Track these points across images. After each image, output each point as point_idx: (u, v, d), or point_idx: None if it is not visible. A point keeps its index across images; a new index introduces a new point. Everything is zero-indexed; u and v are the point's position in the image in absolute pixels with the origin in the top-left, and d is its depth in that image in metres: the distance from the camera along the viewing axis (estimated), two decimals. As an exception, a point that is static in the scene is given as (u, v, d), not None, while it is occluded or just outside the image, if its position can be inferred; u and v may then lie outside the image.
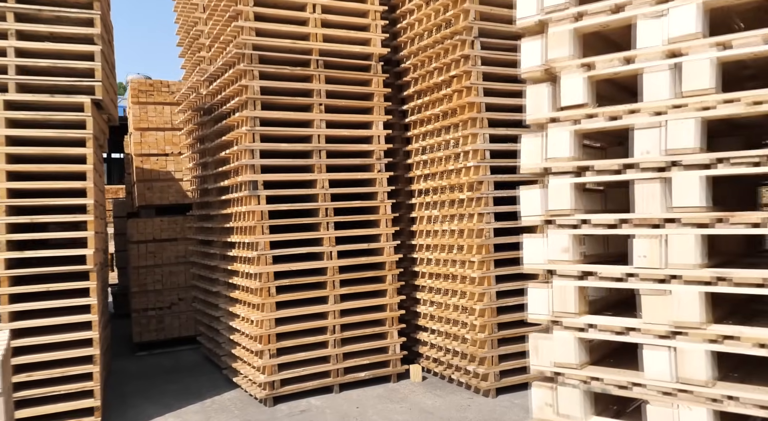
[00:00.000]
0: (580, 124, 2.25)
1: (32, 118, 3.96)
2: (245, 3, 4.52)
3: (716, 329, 1.99)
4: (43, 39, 4.04)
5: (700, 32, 2.01)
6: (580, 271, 2.23)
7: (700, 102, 2.00)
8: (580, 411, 2.21)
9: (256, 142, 4.54)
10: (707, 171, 1.98)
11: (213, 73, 5.16)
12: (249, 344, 4.69)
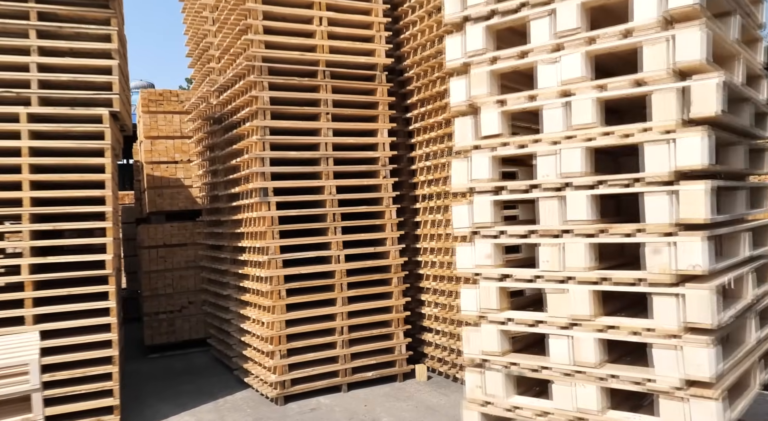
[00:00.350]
0: (496, 151, 2.64)
1: (54, 130, 4.15)
2: (254, 17, 4.71)
3: (603, 321, 2.38)
4: (63, 54, 4.23)
5: (586, 76, 2.37)
6: (500, 274, 2.64)
7: (585, 134, 2.39)
8: (502, 392, 2.61)
9: (266, 150, 4.72)
10: (591, 191, 2.35)
11: (223, 84, 5.35)
12: (260, 345, 4.86)
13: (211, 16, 5.69)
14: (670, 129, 2.22)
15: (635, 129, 2.30)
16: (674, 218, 2.22)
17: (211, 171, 6.10)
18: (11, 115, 4.04)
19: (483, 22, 2.64)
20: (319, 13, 4.92)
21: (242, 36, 4.79)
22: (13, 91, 4.08)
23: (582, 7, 2.37)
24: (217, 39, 5.49)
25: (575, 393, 2.39)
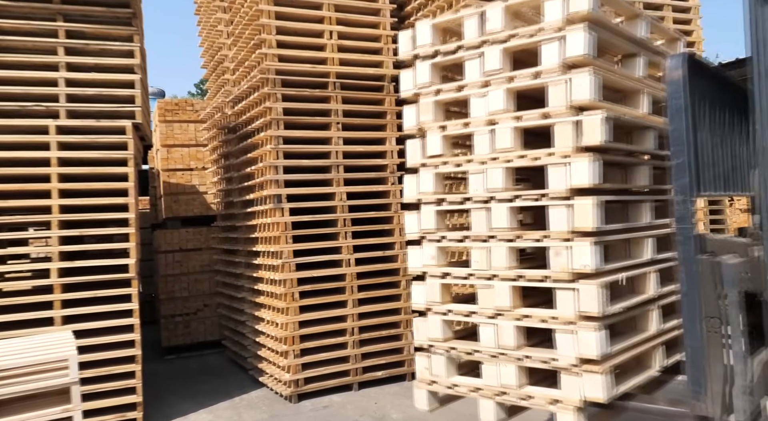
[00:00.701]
0: (438, 168, 3.09)
1: (80, 141, 4.39)
2: (268, 32, 4.94)
3: (520, 311, 2.80)
4: (89, 70, 4.47)
5: (507, 108, 2.82)
6: (442, 272, 3.03)
7: (505, 156, 2.83)
8: (445, 372, 3.04)
9: (279, 159, 4.94)
10: (510, 203, 2.80)
11: (238, 95, 5.58)
12: (274, 345, 5.07)
13: (225, 29, 5.93)
14: (567, 154, 2.62)
15: (542, 153, 2.73)
16: (570, 227, 2.60)
17: (226, 178, 6.33)
18: (41, 128, 4.28)
19: (429, 60, 3.10)
20: (329, 27, 5.15)
21: (256, 50, 5.02)
22: (42, 105, 4.33)
23: (504, 51, 2.82)
24: (231, 52, 5.73)
25: (499, 372, 2.82)
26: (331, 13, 5.16)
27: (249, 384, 5.51)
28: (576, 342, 2.57)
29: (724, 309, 2.22)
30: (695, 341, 2.28)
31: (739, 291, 2.20)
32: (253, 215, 5.50)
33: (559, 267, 2.61)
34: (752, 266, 2.29)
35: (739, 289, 2.21)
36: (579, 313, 2.57)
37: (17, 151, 4.26)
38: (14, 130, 4.29)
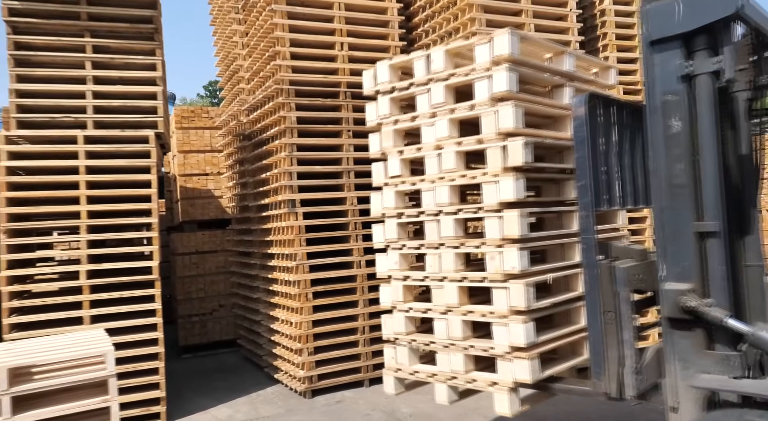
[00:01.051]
0: (398, 187, 3.56)
1: (106, 150, 4.65)
2: (282, 44, 5.18)
3: (465, 308, 3.20)
4: (114, 82, 4.73)
5: (451, 135, 3.27)
6: (404, 275, 3.51)
7: (450, 176, 3.26)
8: (407, 361, 3.48)
9: (293, 165, 5.18)
10: (455, 216, 3.24)
11: (253, 104, 5.83)
12: (289, 343, 5.31)
13: (240, 41, 6.18)
14: (497, 174, 3.02)
15: (478, 173, 3.14)
16: (501, 235, 2.98)
17: (241, 183, 6.58)
18: (70, 138, 4.54)
19: (388, 95, 3.57)
20: (340, 39, 5.38)
21: (271, 61, 5.26)
22: (71, 117, 4.59)
23: (446, 87, 3.27)
24: (246, 62, 5.98)
25: (450, 359, 3.23)
26: (342, 26, 5.39)
27: (264, 381, 5.75)
28: (508, 333, 2.97)
29: (617, 305, 2.58)
30: (596, 331, 2.65)
31: (630, 290, 2.58)
32: (268, 219, 5.74)
33: (493, 269, 3.01)
34: (645, 269, 2.66)
35: (630, 288, 2.59)
36: (510, 308, 2.96)
37: (48, 160, 4.53)
38: (45, 141, 4.56)
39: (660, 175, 2.48)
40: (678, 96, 2.44)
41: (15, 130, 4.48)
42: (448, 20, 5.51)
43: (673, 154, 2.45)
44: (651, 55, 2.50)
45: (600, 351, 2.63)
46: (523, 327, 2.91)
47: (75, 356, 2.98)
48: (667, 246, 2.47)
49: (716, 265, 2.37)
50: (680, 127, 2.43)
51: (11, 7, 4.44)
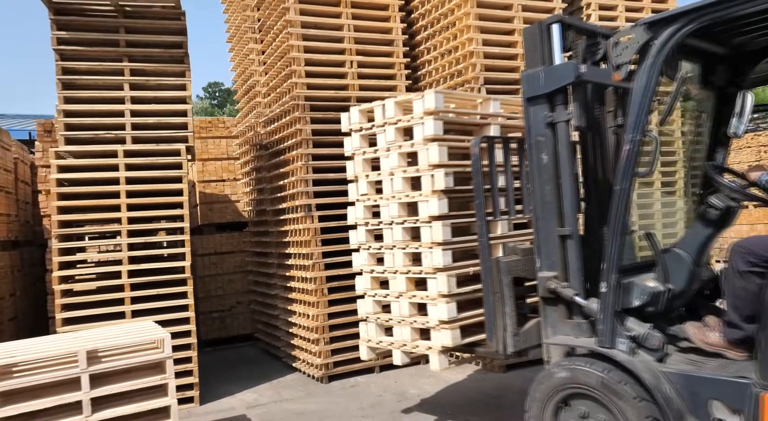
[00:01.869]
0: (365, 202, 4.45)
1: (143, 163, 5.20)
2: (298, 64, 5.72)
3: (410, 293, 4.08)
4: (149, 102, 5.27)
5: (399, 165, 4.10)
6: (371, 269, 4.40)
7: (399, 196, 4.14)
8: (375, 334, 4.37)
9: (309, 173, 5.72)
10: (402, 225, 4.11)
11: (270, 117, 6.37)
12: (306, 334, 5.85)
13: (257, 58, 6.72)
14: (428, 195, 3.89)
15: (416, 194, 3.99)
16: (431, 240, 3.86)
17: (258, 189, 7.12)
18: (111, 152, 5.09)
19: (358, 132, 4.44)
20: (350, 58, 5.92)
21: (287, 80, 5.80)
22: (112, 133, 5.14)
23: (396, 129, 4.13)
24: (263, 79, 6.52)
25: (402, 331, 4.13)
26: (352, 46, 5.93)
27: (283, 370, 6.30)
28: (437, 311, 3.84)
29: (502, 288, 3.47)
30: (488, 307, 3.51)
31: (511, 278, 3.49)
32: (285, 222, 6.28)
33: (427, 265, 3.89)
34: (527, 262, 3.52)
35: (512, 276, 3.50)
36: (438, 293, 3.83)
37: (92, 172, 5.07)
38: (89, 155, 5.11)
39: (535, 194, 3.32)
40: (545, 137, 3.24)
41: (63, 147, 5.03)
42: (448, 39, 6.05)
43: (543, 179, 3.27)
44: (527, 108, 3.31)
45: (491, 321, 3.51)
46: (446, 307, 3.82)
47: (139, 341, 3.52)
48: (541, 245, 3.30)
49: (572, 258, 3.17)
50: (547, 160, 3.25)
51: (59, 37, 4.99)
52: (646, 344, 2.91)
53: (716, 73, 3.41)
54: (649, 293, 3.00)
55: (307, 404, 5.09)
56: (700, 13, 2.72)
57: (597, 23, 6.53)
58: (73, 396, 3.20)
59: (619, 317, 2.98)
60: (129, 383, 3.38)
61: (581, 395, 3.03)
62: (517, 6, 5.92)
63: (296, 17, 5.72)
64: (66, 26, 5.05)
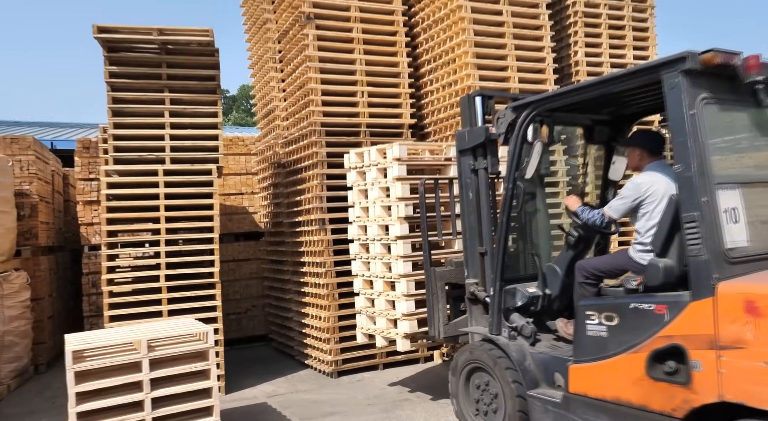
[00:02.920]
0: (359, 223, 5.81)
1: (179, 181, 5.93)
2: (315, 94, 6.47)
3: (386, 293, 5.42)
4: (185, 127, 6.02)
5: (379, 196, 5.41)
6: (362, 274, 5.89)
7: (378, 220, 5.41)
8: (365, 323, 5.67)
9: (323, 191, 6.46)
10: (381, 242, 5.42)
11: (289, 139, 7.13)
12: (319, 334, 6.56)
13: (278, 86, 7.48)
14: (395, 221, 5.29)
15: (389, 219, 5.27)
16: (397, 254, 5.22)
17: (275, 203, 7.86)
18: (153, 171, 5.82)
19: (354, 170, 5.75)
20: (361, 88, 6.67)
21: (306, 108, 6.56)
22: (153, 154, 5.88)
23: (377, 170, 5.42)
24: (282, 104, 7.28)
25: (381, 322, 5.43)
26: (363, 78, 6.68)
27: (296, 366, 7.00)
28: (400, 306, 5.12)
29: (437, 291, 4.75)
30: (429, 304, 4.81)
31: (444, 283, 4.79)
32: (300, 233, 7.01)
33: (395, 272, 5.16)
34: (460, 271, 4.67)
35: (445, 282, 4.79)
36: (401, 293, 5.10)
37: (136, 189, 5.82)
38: (133, 173, 5.85)
39: (464, 221, 4.47)
40: (470, 180, 4.39)
41: (112, 166, 5.77)
42: (449, 73, 6.80)
43: (469, 210, 4.41)
44: (459, 158, 4.49)
45: (430, 315, 4.82)
46: (406, 304, 5.10)
47: (187, 333, 4.24)
48: (468, 259, 4.47)
49: (487, 270, 4.25)
50: (472, 197, 4.39)
51: (111, 72, 5.75)
52: (522, 333, 4.00)
53: (597, 132, 4.41)
54: (529, 297, 4.06)
55: (320, 395, 5.80)
56: (538, 104, 3.90)
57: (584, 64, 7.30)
58: (136, 376, 3.92)
59: (507, 313, 4.10)
60: (181, 367, 4.09)
61: (479, 368, 4.19)
62: (510, 45, 6.67)
63: (314, 53, 6.48)
64: (117, 62, 5.81)
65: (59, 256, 8.78)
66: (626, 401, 3.24)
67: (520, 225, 4.40)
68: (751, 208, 3.13)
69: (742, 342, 2.78)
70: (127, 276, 5.99)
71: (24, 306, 6.93)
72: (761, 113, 3.23)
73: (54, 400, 6.11)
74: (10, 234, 6.87)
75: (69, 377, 3.75)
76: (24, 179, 7.51)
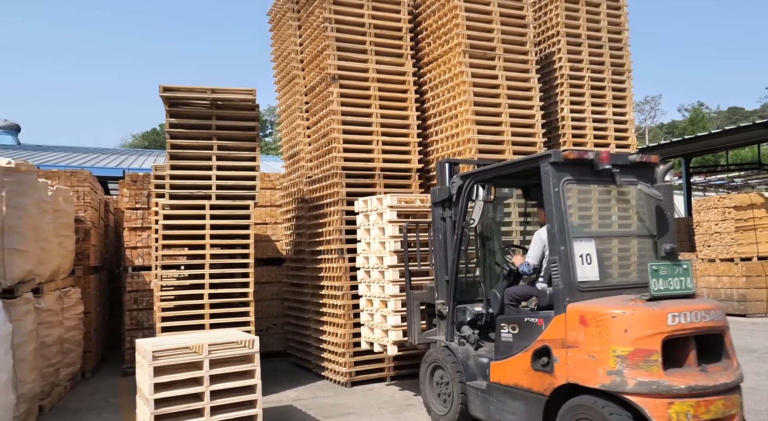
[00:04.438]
0: (362, 255, 7.45)
1: (222, 214, 7.03)
2: (337, 142, 7.61)
3: (381, 309, 6.42)
4: (229, 169, 7.15)
5: (378, 234, 6.52)
6: (365, 295, 7.41)
7: (376, 252, 7.15)
8: (368, 333, 6.78)
9: (343, 225, 7.54)
10: (377, 269, 5.68)
11: (313, 178, 8.25)
12: (335, 349, 7.56)
13: (303, 132, 8.65)
14: (387, 253, 6.95)
15: (383, 252, 6.87)
16: (389, 279, 6.69)
17: (297, 233, 8.95)
18: (201, 206, 6.93)
19: (362, 213, 7.09)
20: (376, 137, 7.82)
21: (328, 153, 7.70)
22: (201, 192, 7.00)
23: (376, 214, 6.95)
24: (307, 148, 8.43)
25: (377, 332, 6.76)
26: (378, 128, 7.83)
27: (313, 378, 7.98)
28: (391, 320, 6.44)
29: (413, 308, 6.13)
30: (408, 318, 6.19)
31: (420, 303, 6.12)
32: (320, 261, 8.06)
33: (387, 293, 6.50)
34: (431, 294, 5.92)
35: (420, 301, 6.12)
36: (391, 309, 6.38)
37: (186, 220, 6.91)
38: (183, 207, 6.95)
39: (436, 256, 5.75)
40: (440, 225, 5.69)
41: (168, 201, 6.88)
42: (451, 127, 7.95)
43: (439, 248, 5.67)
44: (432, 208, 5.81)
45: (409, 327, 6.15)
46: (394, 318, 6.43)
47: (236, 339, 5.27)
48: (438, 284, 5.72)
49: (450, 293, 5.48)
50: (441, 238, 5.67)
51: (171, 123, 6.90)
52: (469, 341, 5.32)
53: (531, 194, 5.74)
54: (476, 314, 5.35)
55: (337, 400, 6.78)
56: (475, 175, 5.27)
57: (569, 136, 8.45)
58: (199, 373, 4.94)
59: (459, 325, 5.43)
60: (232, 367, 5.11)
61: (438, 366, 5.59)
62: (504, 104, 7.84)
63: (338, 107, 7.64)
64: (175, 114, 6.96)
65: (102, 275, 9.85)
66: (520, 386, 4.54)
67: (476, 260, 5.82)
68: (601, 254, 4.40)
69: (578, 343, 4.00)
70: (173, 294, 7.04)
71: (78, 318, 7.97)
72: (616, 189, 4.68)
73: (107, 400, 7.11)
74: (70, 255, 7.96)
75: (149, 371, 4.78)
76: (80, 207, 8.63)
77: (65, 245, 7.67)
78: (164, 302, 6.88)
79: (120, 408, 6.69)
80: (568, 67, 8.52)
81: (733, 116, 61.92)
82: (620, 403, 3.70)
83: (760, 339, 9.78)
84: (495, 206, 5.68)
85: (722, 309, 4.00)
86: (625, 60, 8.92)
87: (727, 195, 14.09)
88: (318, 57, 7.99)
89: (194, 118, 7.05)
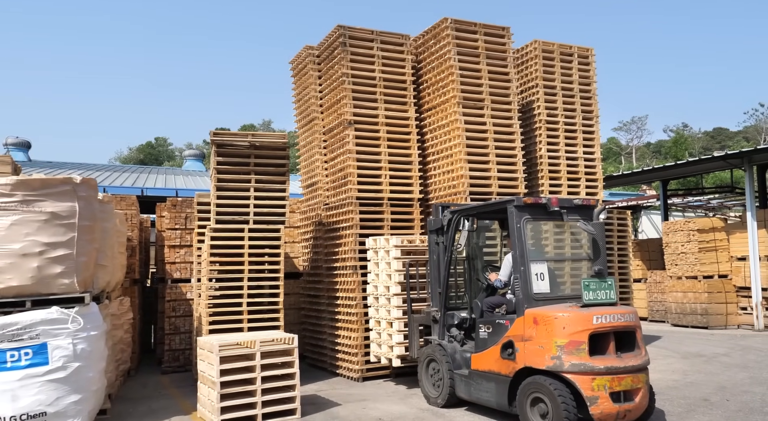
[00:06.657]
0: (370, 277, 7.71)
1: (258, 236, 8.48)
2: (352, 175, 9.11)
3: (387, 328, 6.80)
4: (269, 198, 8.61)
5: (385, 268, 6.73)
6: (374, 316, 7.30)
7: (383, 281, 6.86)
8: (376, 348, 7.26)
9: (356, 245, 9.01)
10: (384, 295, 6.62)
11: (330, 205, 9.75)
12: (348, 350, 8.99)
13: (321, 165, 10.15)
14: (393, 283, 7.27)
15: (389, 282, 7.32)
16: (393, 304, 6.70)
17: (314, 251, 10.41)
18: (240, 229, 8.38)
19: (371, 249, 8.90)
20: (384, 172, 9.33)
21: (345, 185, 9.20)
22: (241, 217, 8.46)
23: (383, 251, 7.23)
24: (325, 178, 9.94)
25: (384, 347, 8.29)
26: (386, 164, 9.34)
27: (329, 375, 9.39)
28: (395, 338, 7.90)
29: (414, 329, 7.60)
30: (410, 338, 7.64)
31: (419, 324, 7.57)
32: (336, 275, 9.51)
33: (392, 315, 8.00)
34: (428, 317, 7.28)
35: (419, 323, 7.57)
36: (396, 329, 7.92)
37: (228, 241, 8.37)
38: (225, 230, 8.40)
39: (431, 272, 7.21)
40: (435, 249, 7.15)
41: (213, 225, 8.34)
42: (447, 164, 9.48)
43: (434, 266, 7.16)
44: (429, 235, 7.27)
45: (410, 343, 7.55)
46: (398, 335, 7.83)
47: (278, 337, 6.70)
48: (432, 295, 7.20)
49: (442, 302, 6.90)
50: (435, 258, 7.12)
51: (218, 160, 8.39)
52: (456, 339, 6.78)
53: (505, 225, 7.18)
54: (461, 318, 6.78)
55: (353, 390, 8.20)
56: (461, 212, 6.75)
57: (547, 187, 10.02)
58: (251, 363, 6.36)
59: (449, 327, 6.86)
60: (278, 359, 6.54)
61: (432, 360, 6.99)
62: (491, 146, 9.39)
63: (353, 147, 9.16)
64: (221, 154, 8.44)
65: (138, 287, 11.25)
66: (492, 371, 6.03)
67: (463, 276, 7.39)
68: (552, 272, 5.97)
69: (532, 337, 5.53)
70: (215, 302, 8.46)
71: (129, 323, 9.37)
72: (564, 225, 6.27)
73: (159, 391, 8.49)
74: (124, 269, 9.38)
75: (216, 360, 6.20)
76: (129, 228, 10.06)
77: (121, 260, 9.08)
78: (211, 309, 8.32)
79: (172, 397, 8.07)
80: (545, 114, 10.10)
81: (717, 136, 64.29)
82: (560, 380, 5.22)
83: (712, 347, 11.30)
84: (477, 234, 7.26)
85: (636, 313, 5.57)
86: (593, 107, 10.52)
87: (691, 219, 15.70)
88: (336, 104, 9.53)
89: (236, 157, 8.54)
